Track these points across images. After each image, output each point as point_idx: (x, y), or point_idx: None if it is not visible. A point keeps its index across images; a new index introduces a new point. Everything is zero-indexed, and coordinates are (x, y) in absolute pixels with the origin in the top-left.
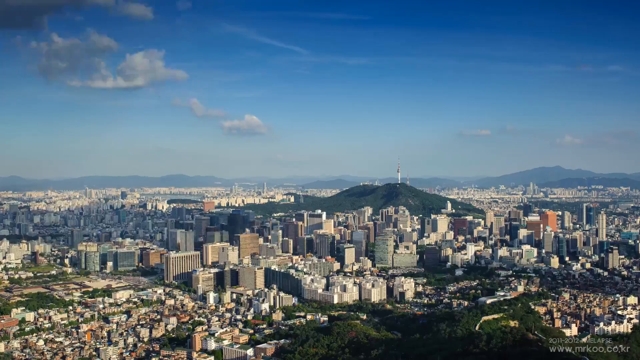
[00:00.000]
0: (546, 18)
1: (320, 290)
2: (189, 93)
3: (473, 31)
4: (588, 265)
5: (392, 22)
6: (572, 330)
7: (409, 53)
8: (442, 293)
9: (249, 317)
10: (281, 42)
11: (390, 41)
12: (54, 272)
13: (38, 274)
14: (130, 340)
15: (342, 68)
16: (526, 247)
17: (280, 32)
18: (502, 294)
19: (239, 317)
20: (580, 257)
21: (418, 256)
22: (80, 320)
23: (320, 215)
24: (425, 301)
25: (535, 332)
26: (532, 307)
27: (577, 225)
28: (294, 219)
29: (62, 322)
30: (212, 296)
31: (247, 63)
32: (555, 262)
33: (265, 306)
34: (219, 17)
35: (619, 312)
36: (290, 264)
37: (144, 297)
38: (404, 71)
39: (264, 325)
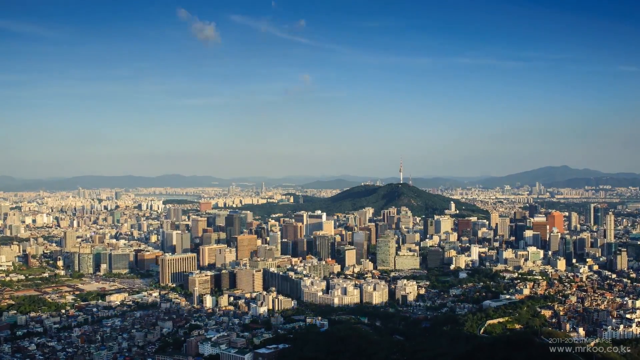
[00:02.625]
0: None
1: (320, 293)
2: None
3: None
4: (596, 267)
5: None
6: (580, 334)
7: (411, 53)
8: (445, 296)
9: (247, 321)
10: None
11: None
12: (46, 274)
13: (30, 277)
14: (124, 344)
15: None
16: (532, 248)
17: None
18: (507, 297)
19: (236, 320)
20: (587, 259)
21: (421, 258)
22: (73, 324)
23: (320, 216)
24: (428, 304)
25: (542, 336)
26: (538, 310)
27: (585, 227)
28: (293, 220)
29: (55, 325)
30: (208, 299)
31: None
32: (562, 264)
33: (263, 309)
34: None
35: (628, 316)
36: (289, 266)
37: (139, 300)
38: (408, 72)
39: (263, 329)
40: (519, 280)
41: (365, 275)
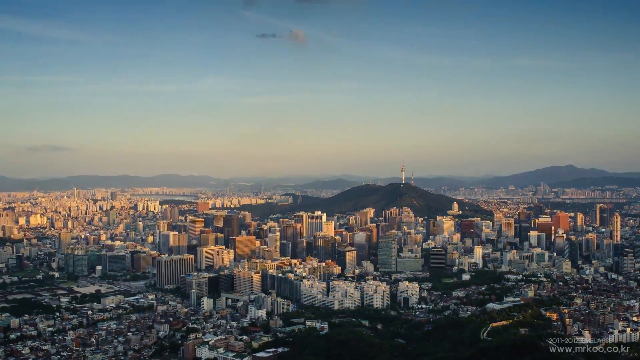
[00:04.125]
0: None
1: (320, 296)
2: None
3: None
4: (602, 269)
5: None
6: (585, 337)
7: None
8: (448, 298)
9: (245, 324)
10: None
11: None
12: (40, 276)
13: (23, 279)
14: (120, 348)
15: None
16: (537, 250)
17: None
18: (511, 299)
19: (234, 323)
20: (593, 261)
21: (423, 260)
22: (67, 327)
23: (320, 217)
24: (431, 307)
25: (546, 340)
26: (543, 313)
27: (590, 227)
28: (292, 221)
29: (49, 329)
30: (206, 302)
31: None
32: (567, 265)
33: (262, 312)
34: None
35: (634, 319)
36: (288, 268)
37: (135, 303)
38: (411, 71)
39: (261, 332)
40: (523, 282)
41: (366, 277)
